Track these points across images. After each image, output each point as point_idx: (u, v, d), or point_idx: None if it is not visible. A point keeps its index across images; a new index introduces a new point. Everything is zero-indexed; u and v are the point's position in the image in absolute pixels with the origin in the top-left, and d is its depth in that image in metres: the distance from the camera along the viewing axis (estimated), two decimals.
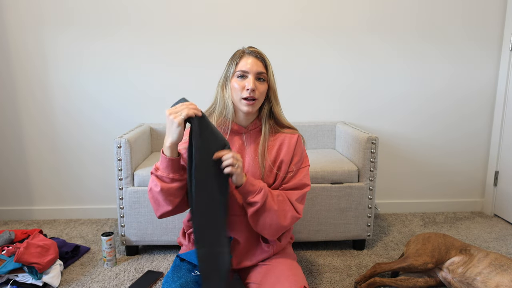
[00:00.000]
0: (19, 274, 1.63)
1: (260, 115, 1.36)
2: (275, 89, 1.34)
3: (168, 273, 1.27)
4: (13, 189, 2.46)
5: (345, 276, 1.77)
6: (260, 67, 1.28)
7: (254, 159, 1.33)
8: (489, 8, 2.37)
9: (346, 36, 2.36)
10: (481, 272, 1.48)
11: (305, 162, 1.38)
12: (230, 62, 1.32)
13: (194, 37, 2.31)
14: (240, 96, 1.26)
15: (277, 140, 1.36)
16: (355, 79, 2.42)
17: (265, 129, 1.33)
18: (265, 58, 1.31)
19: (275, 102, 1.34)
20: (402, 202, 2.59)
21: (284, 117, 1.39)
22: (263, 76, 1.29)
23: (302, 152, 1.38)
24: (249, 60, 1.27)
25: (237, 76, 1.28)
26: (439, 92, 2.46)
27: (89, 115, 2.38)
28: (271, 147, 1.35)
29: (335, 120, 2.47)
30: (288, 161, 1.34)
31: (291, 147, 1.34)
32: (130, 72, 2.33)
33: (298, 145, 1.36)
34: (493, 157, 2.51)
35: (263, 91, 1.29)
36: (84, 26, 2.27)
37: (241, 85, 1.26)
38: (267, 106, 1.34)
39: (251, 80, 1.25)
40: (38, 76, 2.32)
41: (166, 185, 1.18)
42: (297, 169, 1.35)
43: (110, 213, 2.48)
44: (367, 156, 1.92)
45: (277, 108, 1.35)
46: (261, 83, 1.28)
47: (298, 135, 1.37)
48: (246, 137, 1.35)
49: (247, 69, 1.26)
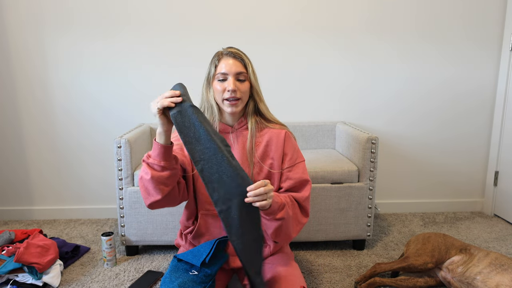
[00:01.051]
0: (19, 274, 1.63)
1: (245, 113, 1.38)
2: (257, 87, 1.34)
3: (166, 274, 1.27)
4: (13, 189, 2.46)
5: (345, 276, 1.77)
6: (239, 67, 1.29)
7: (242, 157, 1.34)
8: (489, 8, 2.37)
9: (346, 36, 2.36)
10: (481, 272, 1.48)
11: (299, 157, 1.38)
12: (210, 64, 1.33)
13: (194, 37, 2.31)
14: (222, 97, 1.29)
15: (265, 136, 1.36)
16: (355, 79, 2.42)
17: (251, 125, 1.34)
18: (243, 57, 1.31)
19: (258, 99, 1.35)
20: (402, 202, 2.59)
21: (271, 114, 1.40)
22: (243, 76, 1.30)
23: (294, 147, 1.38)
24: (228, 61, 1.28)
25: (217, 79, 1.29)
26: (439, 92, 2.46)
27: (89, 115, 2.38)
28: (258, 143, 1.35)
29: (335, 120, 2.47)
30: (279, 158, 1.34)
31: (279, 144, 1.35)
32: (130, 72, 2.34)
33: (287, 140, 1.36)
34: (493, 157, 2.51)
35: (245, 90, 1.30)
36: (84, 26, 2.27)
37: (222, 87, 1.28)
38: (251, 103, 1.36)
39: (231, 81, 1.26)
40: (38, 76, 2.32)
41: (156, 173, 1.18)
42: (292, 165, 1.35)
43: (110, 213, 2.48)
44: (367, 156, 1.92)
45: (261, 104, 1.36)
46: (242, 83, 1.29)
47: (285, 131, 1.37)
48: (233, 136, 1.36)
49: (226, 70, 1.27)
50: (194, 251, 1.30)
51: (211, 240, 1.31)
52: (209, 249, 1.26)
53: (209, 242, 1.30)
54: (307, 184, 1.35)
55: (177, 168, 1.22)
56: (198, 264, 1.23)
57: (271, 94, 2.36)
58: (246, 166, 1.33)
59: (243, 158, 1.34)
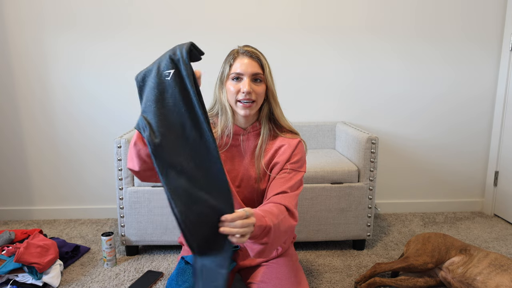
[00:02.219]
0: (19, 274, 1.63)
1: (259, 117, 1.31)
2: (274, 90, 1.27)
3: (172, 275, 1.26)
4: (13, 189, 2.46)
5: (345, 276, 1.77)
6: (256, 68, 1.21)
7: (250, 161, 1.29)
8: (489, 8, 2.37)
9: (346, 36, 2.36)
10: (481, 272, 1.48)
11: (303, 167, 1.30)
12: (224, 63, 1.26)
13: (194, 37, 2.31)
14: (236, 98, 1.22)
15: (275, 144, 1.29)
16: (355, 78, 2.42)
17: (264, 131, 1.28)
18: (260, 57, 1.24)
19: (274, 103, 1.28)
20: (402, 202, 2.59)
21: (285, 120, 1.33)
22: (260, 77, 1.22)
23: (302, 156, 1.30)
24: (243, 61, 1.21)
25: (231, 79, 1.22)
26: (439, 92, 2.46)
27: (89, 115, 2.38)
28: (268, 150, 1.29)
29: (335, 120, 2.47)
30: (283, 162, 1.26)
31: (290, 149, 1.27)
32: (130, 72, 2.33)
33: (299, 147, 1.29)
34: (493, 157, 2.51)
35: (261, 93, 1.23)
36: (84, 26, 2.27)
37: (237, 88, 1.21)
38: (266, 107, 1.29)
39: (246, 82, 1.19)
40: (38, 76, 2.32)
41: (140, 145, 1.03)
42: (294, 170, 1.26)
43: (110, 213, 2.48)
44: (367, 156, 1.92)
45: (276, 110, 1.29)
46: (257, 84, 1.22)
47: (299, 140, 1.30)
48: (244, 139, 1.30)
49: (241, 71, 1.20)
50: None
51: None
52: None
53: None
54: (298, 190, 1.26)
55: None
56: None
57: None
58: (253, 171, 1.29)
59: (251, 163, 1.29)
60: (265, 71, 1.24)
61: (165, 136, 0.92)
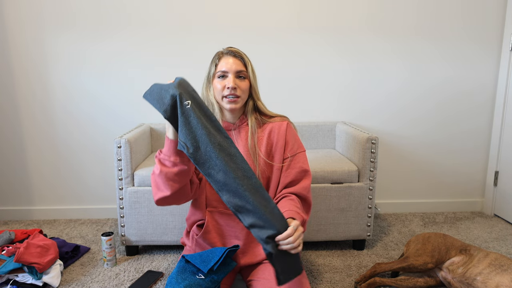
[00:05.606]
0: (19, 274, 1.63)
1: (245, 111, 1.40)
2: (255, 85, 1.38)
3: (172, 273, 1.27)
4: (13, 189, 2.46)
5: (345, 276, 1.77)
6: (240, 66, 1.32)
7: (245, 154, 1.36)
8: (489, 8, 2.37)
9: (345, 35, 2.36)
10: (481, 272, 1.48)
11: (300, 147, 1.40)
12: (210, 64, 1.36)
13: (194, 37, 2.31)
14: (222, 94, 1.31)
15: (265, 130, 1.39)
16: (354, 78, 2.42)
17: (251, 122, 1.37)
18: (243, 56, 1.35)
19: (256, 97, 1.39)
20: (402, 202, 2.59)
21: (267, 109, 1.43)
22: (243, 74, 1.33)
23: (294, 137, 1.40)
24: (228, 60, 1.32)
25: (217, 77, 1.32)
26: (439, 92, 2.46)
27: (89, 115, 2.38)
28: (260, 139, 1.38)
29: (335, 120, 2.47)
30: (281, 148, 1.37)
31: (281, 134, 1.37)
32: (130, 72, 2.34)
33: (289, 130, 1.39)
34: (493, 157, 2.51)
35: (245, 88, 1.33)
36: (84, 26, 2.27)
37: (222, 85, 1.31)
38: (251, 102, 1.39)
39: (231, 78, 1.30)
40: (38, 76, 2.32)
41: (166, 169, 1.19)
42: (294, 155, 1.37)
43: (110, 213, 2.48)
44: (367, 156, 1.92)
45: (258, 102, 1.40)
46: (241, 81, 1.32)
47: (287, 122, 1.40)
48: (235, 133, 1.38)
49: (226, 69, 1.31)
50: (203, 256, 1.29)
51: (221, 248, 1.30)
52: (219, 256, 1.26)
53: (219, 249, 1.29)
54: (306, 174, 1.37)
55: (189, 165, 1.21)
56: (206, 270, 1.23)
57: (270, 94, 2.36)
58: (251, 163, 1.35)
59: (246, 155, 1.36)
60: (248, 69, 1.35)
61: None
